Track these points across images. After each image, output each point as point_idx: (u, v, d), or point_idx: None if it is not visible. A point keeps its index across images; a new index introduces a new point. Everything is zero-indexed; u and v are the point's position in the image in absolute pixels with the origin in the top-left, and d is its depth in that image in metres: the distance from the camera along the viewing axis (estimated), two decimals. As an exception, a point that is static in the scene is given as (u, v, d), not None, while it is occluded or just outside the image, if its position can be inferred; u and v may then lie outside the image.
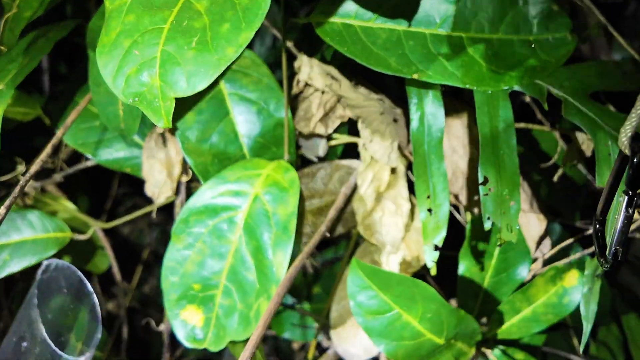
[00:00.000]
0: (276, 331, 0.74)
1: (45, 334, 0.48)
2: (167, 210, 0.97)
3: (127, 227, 0.96)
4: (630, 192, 0.32)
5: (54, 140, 0.45)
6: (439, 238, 0.46)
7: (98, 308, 0.49)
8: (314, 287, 0.74)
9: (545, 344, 0.67)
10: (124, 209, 0.94)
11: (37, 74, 0.82)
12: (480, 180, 0.44)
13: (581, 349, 0.43)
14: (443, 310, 0.46)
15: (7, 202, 0.46)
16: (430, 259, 0.46)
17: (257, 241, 0.43)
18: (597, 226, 0.35)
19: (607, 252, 0.34)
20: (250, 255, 0.43)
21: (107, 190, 0.83)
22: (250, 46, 0.72)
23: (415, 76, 0.44)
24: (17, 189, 0.44)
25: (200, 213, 0.45)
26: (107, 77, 0.32)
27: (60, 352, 0.48)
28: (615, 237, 0.33)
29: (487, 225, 0.43)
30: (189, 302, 0.45)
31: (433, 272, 0.46)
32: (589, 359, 0.69)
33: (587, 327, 0.42)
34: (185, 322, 0.45)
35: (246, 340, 0.41)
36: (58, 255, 0.73)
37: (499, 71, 0.45)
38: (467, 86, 0.45)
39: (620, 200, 0.32)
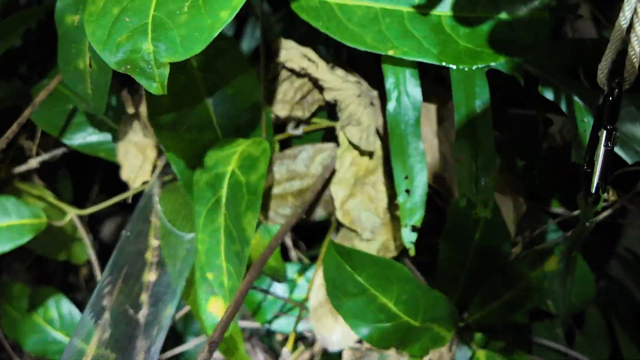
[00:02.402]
0: (259, 321, 0.74)
1: (161, 213, 0.52)
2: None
3: (112, 220, 0.95)
4: (608, 126, 0.33)
5: (20, 119, 0.44)
6: (417, 218, 0.45)
7: None
8: (296, 277, 0.74)
9: (529, 332, 0.67)
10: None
11: (17, 62, 0.81)
12: (456, 158, 0.43)
13: (561, 329, 0.42)
14: (419, 291, 0.46)
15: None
16: (408, 239, 0.45)
17: (235, 211, 0.44)
18: (586, 168, 0.36)
19: (591, 188, 0.35)
20: (232, 226, 0.44)
21: (92, 180, 0.82)
22: (238, 40, 0.72)
23: (390, 52, 0.44)
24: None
25: (195, 204, 0.45)
26: (97, 45, 0.32)
27: (171, 227, 0.52)
28: (598, 172, 0.34)
29: (463, 202, 0.43)
30: (210, 294, 0.45)
31: (412, 252, 0.45)
32: (575, 349, 0.69)
33: (563, 304, 0.41)
34: (211, 315, 0.45)
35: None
36: (34, 242, 0.72)
37: (476, 49, 0.44)
38: (444, 63, 0.44)
39: (600, 135, 0.34)
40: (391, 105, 0.46)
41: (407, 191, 0.46)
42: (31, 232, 0.57)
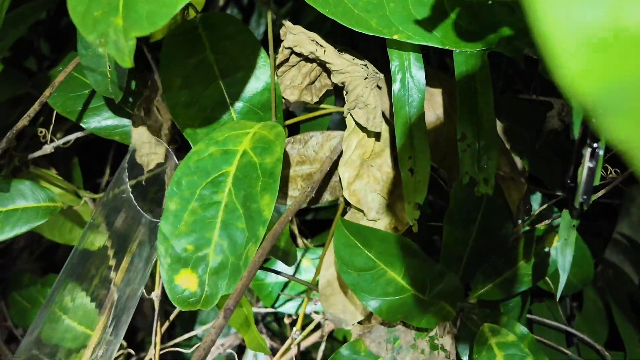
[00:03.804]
0: (267, 304, 0.76)
1: (132, 196, 0.52)
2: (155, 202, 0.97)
3: (117, 216, 0.97)
4: (592, 145, 0.35)
5: (41, 98, 0.45)
6: (420, 197, 0.47)
7: None
8: (303, 261, 0.76)
9: (529, 311, 0.68)
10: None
11: (26, 56, 0.83)
12: (459, 137, 0.45)
13: (557, 295, 0.44)
14: (425, 266, 0.48)
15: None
16: (411, 216, 0.47)
17: (245, 191, 0.44)
18: (570, 183, 0.38)
19: (575, 202, 0.37)
20: (239, 205, 0.44)
21: (101, 167, 0.84)
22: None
23: (396, 37, 0.46)
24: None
25: (192, 174, 0.45)
26: (77, 19, 0.35)
27: (143, 213, 0.51)
28: (582, 187, 0.36)
29: (465, 179, 0.45)
30: (183, 266, 0.44)
31: (415, 229, 0.47)
32: (573, 328, 0.71)
33: (562, 277, 0.43)
34: (180, 287, 0.44)
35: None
36: (48, 228, 0.73)
37: (478, 33, 0.46)
38: (447, 47, 0.46)
39: (584, 153, 0.35)
40: (396, 87, 0.48)
41: (411, 170, 0.48)
42: (46, 215, 0.59)
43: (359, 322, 0.58)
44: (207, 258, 0.44)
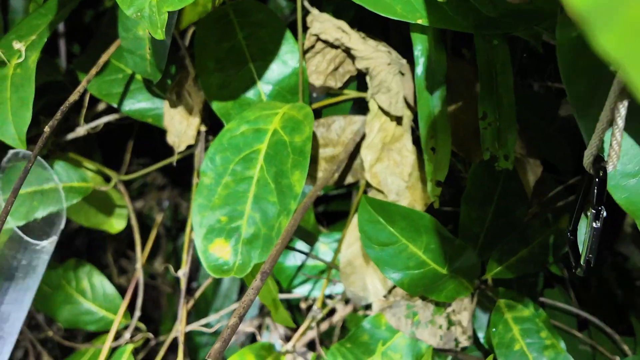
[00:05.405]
0: (285, 285, 0.78)
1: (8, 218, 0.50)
2: (177, 189, 1.00)
3: (138, 202, 1.00)
4: (595, 208, 0.36)
5: (87, 76, 0.48)
6: (442, 174, 0.49)
7: (62, 195, 0.52)
8: (320, 245, 0.78)
9: (542, 295, 0.70)
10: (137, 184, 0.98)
11: (54, 53, 0.86)
12: (480, 115, 0.47)
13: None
14: (446, 241, 0.50)
15: (35, 150, 0.49)
16: (433, 193, 0.49)
17: (277, 167, 0.47)
18: (571, 238, 0.40)
19: (581, 260, 0.39)
20: (271, 180, 0.47)
21: (116, 157, 0.86)
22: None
23: (419, 21, 0.48)
24: (43, 136, 0.47)
25: (225, 150, 0.48)
26: None
27: (22, 235, 0.51)
28: (588, 248, 0.38)
29: (486, 155, 0.47)
30: (217, 236, 0.47)
31: (436, 205, 0.49)
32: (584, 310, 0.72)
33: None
34: (214, 255, 0.47)
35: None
36: (75, 211, 0.76)
37: (498, 18, 0.48)
38: (468, 31, 0.48)
39: (589, 215, 0.37)
40: (419, 70, 0.50)
41: (433, 149, 0.50)
42: (79, 195, 0.62)
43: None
44: (240, 229, 0.47)
